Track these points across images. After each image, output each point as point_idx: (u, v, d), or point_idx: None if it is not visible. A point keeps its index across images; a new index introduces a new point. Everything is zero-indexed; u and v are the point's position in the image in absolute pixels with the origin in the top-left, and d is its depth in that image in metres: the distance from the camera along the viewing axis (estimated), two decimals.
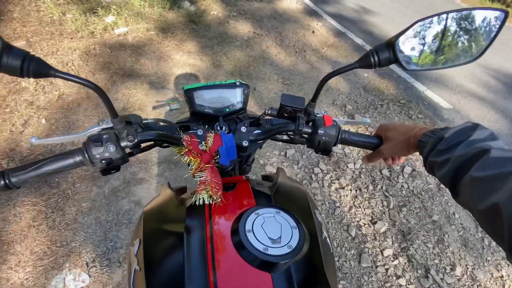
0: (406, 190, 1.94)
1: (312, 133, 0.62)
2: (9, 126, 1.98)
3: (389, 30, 4.20)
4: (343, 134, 0.62)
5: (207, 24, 3.56)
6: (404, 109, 2.70)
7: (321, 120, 0.61)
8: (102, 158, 0.51)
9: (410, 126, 0.56)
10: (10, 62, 0.38)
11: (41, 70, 0.41)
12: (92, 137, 0.51)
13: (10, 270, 1.37)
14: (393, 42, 0.48)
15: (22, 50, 0.40)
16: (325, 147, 0.63)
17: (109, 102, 0.49)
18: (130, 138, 0.53)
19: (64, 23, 3.07)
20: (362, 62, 0.52)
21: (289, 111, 0.63)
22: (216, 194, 0.56)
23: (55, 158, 0.50)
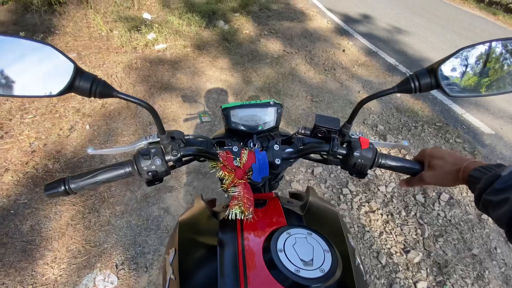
0: (443, 219, 1.81)
1: (347, 155, 0.61)
2: (57, 130, 2.17)
3: (424, 51, 4.09)
4: (380, 157, 0.61)
5: (239, 42, 3.71)
6: (440, 132, 2.57)
7: (357, 142, 0.61)
8: (149, 170, 0.54)
9: (459, 156, 0.54)
10: (82, 84, 0.44)
11: (105, 91, 0.47)
12: (142, 150, 0.55)
13: (46, 265, 1.46)
14: (435, 68, 0.48)
15: (91, 74, 0.46)
16: (360, 169, 0.62)
17: (159, 119, 0.54)
18: (174, 153, 0.57)
19: (111, 39, 3.37)
20: (402, 86, 0.52)
21: (323, 131, 0.64)
22: (248, 210, 0.57)
23: (108, 168, 0.55)
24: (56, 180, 0.52)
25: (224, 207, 0.64)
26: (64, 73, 0.42)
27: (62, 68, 0.42)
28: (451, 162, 0.53)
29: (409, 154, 2.27)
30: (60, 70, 0.42)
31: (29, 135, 2.12)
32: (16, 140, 2.07)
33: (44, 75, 0.43)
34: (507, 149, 2.52)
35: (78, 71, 0.44)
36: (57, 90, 0.42)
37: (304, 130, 0.67)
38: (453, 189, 2.00)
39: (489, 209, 0.43)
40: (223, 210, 0.63)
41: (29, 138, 2.09)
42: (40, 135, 2.13)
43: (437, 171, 0.55)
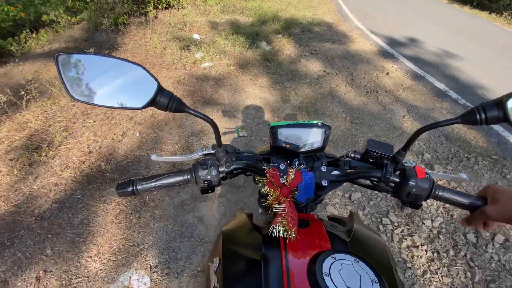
0: (496, 263, 1.59)
1: (401, 184, 0.59)
2: (111, 135, 2.40)
3: (477, 77, 3.81)
4: (437, 189, 0.58)
5: (279, 62, 3.82)
6: (496, 166, 2.31)
7: (412, 171, 0.58)
8: (205, 179, 0.59)
9: None
10: (162, 100, 0.51)
11: (179, 107, 0.53)
12: (200, 161, 0.60)
13: (90, 258, 1.58)
14: (504, 101, 0.46)
15: (170, 92, 0.52)
16: (414, 200, 0.59)
17: (218, 134, 0.59)
18: (227, 165, 0.61)
19: (164, 56, 3.71)
20: (466, 117, 0.50)
21: (375, 157, 0.63)
22: (292, 229, 0.57)
23: (170, 174, 0.60)
24: (126, 181, 0.59)
25: (267, 223, 0.65)
26: (149, 90, 0.49)
27: (148, 85, 0.49)
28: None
29: (460, 187, 2.07)
30: (146, 86, 0.49)
31: (88, 137, 2.37)
32: (77, 141, 2.33)
33: (133, 90, 0.50)
34: None
35: (160, 88, 0.50)
36: (142, 104, 0.49)
37: (354, 154, 0.67)
38: (510, 231, 1.76)
39: None
40: (265, 225, 0.64)
41: (88, 140, 2.34)
42: (97, 138, 2.38)
43: (502, 206, 0.52)
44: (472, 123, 0.50)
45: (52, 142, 2.29)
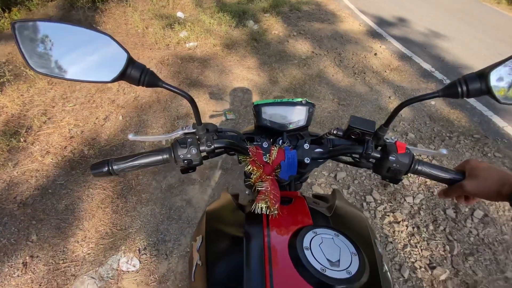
0: (475, 237, 1.69)
1: (382, 159, 0.59)
2: (93, 119, 2.31)
3: (464, 57, 3.84)
4: (417, 164, 0.58)
5: (267, 42, 3.72)
6: (477, 144, 2.39)
7: (393, 146, 0.58)
8: (185, 158, 0.57)
9: (506, 172, 0.51)
10: (133, 73, 0.47)
11: (153, 81, 0.50)
12: (179, 139, 0.58)
13: (76, 243, 1.57)
14: (486, 72, 0.46)
15: (141, 64, 0.49)
16: (394, 175, 0.60)
17: (198, 111, 0.57)
18: (208, 144, 0.59)
19: (146, 36, 3.54)
20: (448, 90, 0.50)
21: (357, 133, 0.62)
22: (274, 206, 0.58)
23: (148, 154, 0.58)
24: (101, 161, 0.56)
25: (250, 201, 0.66)
26: (118, 62, 0.46)
27: (117, 57, 0.46)
28: (496, 176, 0.51)
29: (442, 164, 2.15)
30: (115, 58, 0.46)
31: (69, 122, 2.28)
32: (58, 126, 2.24)
33: (100, 62, 0.46)
34: None
35: (130, 60, 0.47)
36: (111, 77, 0.46)
37: (337, 131, 0.66)
38: (489, 206, 1.86)
39: None
40: (249, 204, 0.64)
41: (68, 124, 2.26)
42: (78, 122, 2.29)
43: (479, 182, 0.53)
44: (453, 96, 0.49)
45: (30, 127, 2.19)
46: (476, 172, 0.54)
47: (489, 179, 0.52)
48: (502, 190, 0.49)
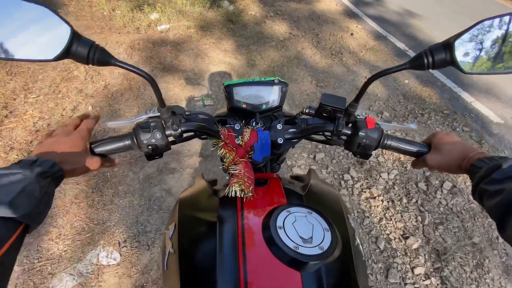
0: (444, 207, 1.80)
1: (352, 135, 0.60)
2: (60, 110, 2.17)
3: (435, 36, 3.94)
4: (386, 138, 0.59)
5: (244, 23, 3.60)
6: (447, 120, 2.51)
7: (363, 122, 0.59)
8: (149, 143, 0.54)
9: (468, 146, 0.53)
10: (79, 50, 0.43)
11: (104, 58, 0.45)
12: (141, 124, 0.54)
13: (51, 241, 1.50)
14: (451, 43, 0.45)
15: (89, 40, 0.44)
16: (364, 150, 0.60)
17: (159, 92, 0.53)
18: (174, 127, 0.56)
19: (113, 19, 3.30)
20: (414, 62, 0.49)
21: (328, 110, 0.61)
22: (248, 188, 0.57)
23: (109, 140, 0.54)
24: None
25: (225, 186, 0.65)
26: (61, 38, 0.41)
27: (59, 32, 0.41)
28: (458, 150, 0.52)
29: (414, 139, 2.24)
30: (57, 34, 0.41)
31: (33, 114, 2.12)
32: (21, 119, 2.08)
33: (40, 38, 0.41)
34: None
35: (75, 35, 0.42)
36: (53, 54, 0.41)
37: (309, 110, 0.64)
38: (457, 178, 1.98)
39: (483, 198, 0.42)
40: (223, 188, 0.63)
41: (33, 117, 2.10)
42: (44, 115, 2.14)
43: (442, 156, 0.54)
44: (420, 68, 0.49)
45: None
46: (440, 146, 0.55)
47: (452, 153, 0.53)
48: (462, 164, 0.50)
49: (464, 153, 0.51)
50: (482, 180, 0.43)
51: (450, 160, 0.53)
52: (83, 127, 0.52)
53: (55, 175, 0.43)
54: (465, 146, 0.53)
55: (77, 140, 0.49)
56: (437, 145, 0.56)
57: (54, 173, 0.43)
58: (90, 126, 0.54)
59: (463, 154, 0.51)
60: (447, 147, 0.54)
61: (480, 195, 0.43)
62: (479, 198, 0.44)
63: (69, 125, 0.53)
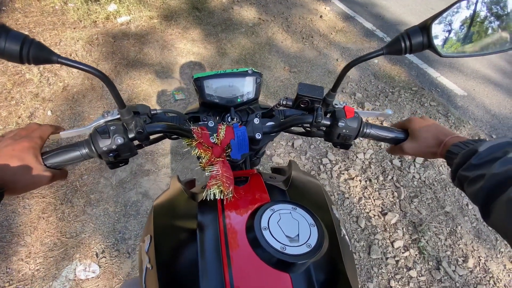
0: (418, 180, 1.89)
1: (332, 126, 0.57)
2: (15, 119, 1.98)
3: (401, 14, 4.02)
4: (365, 127, 0.58)
5: (210, 10, 3.45)
6: (416, 96, 2.60)
7: (342, 112, 0.57)
8: (110, 150, 0.48)
9: (443, 130, 0.53)
10: (8, 46, 0.36)
11: (42, 55, 0.38)
12: (99, 128, 0.48)
13: (21, 261, 1.40)
14: (428, 25, 0.44)
15: (21, 33, 0.37)
16: (344, 141, 0.59)
17: (116, 91, 0.46)
18: (138, 130, 0.50)
19: (66, 13, 3.02)
20: (391, 47, 0.48)
21: (306, 101, 0.59)
22: (228, 189, 0.54)
23: (62, 150, 0.48)
24: None
25: (203, 188, 0.61)
26: None
27: None
28: (433, 135, 0.53)
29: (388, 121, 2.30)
30: None
31: None
32: None
33: None
34: (479, 110, 2.61)
35: (2, 29, 0.35)
36: None
37: (286, 101, 0.61)
38: None
39: (464, 185, 0.42)
40: (201, 191, 0.59)
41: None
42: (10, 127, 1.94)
43: (419, 143, 0.55)
44: (397, 53, 0.47)
45: None
46: (416, 133, 0.55)
47: (428, 140, 0.53)
48: (438, 150, 0.51)
49: (439, 138, 0.52)
50: (460, 167, 0.43)
51: (426, 147, 0.54)
52: (35, 134, 0.46)
53: None
54: (440, 131, 0.53)
55: (25, 149, 0.43)
56: (413, 132, 0.56)
57: None
58: (44, 135, 0.47)
59: (438, 140, 0.51)
60: (423, 134, 0.54)
61: (460, 182, 0.43)
62: (459, 184, 0.44)
63: (22, 130, 0.46)
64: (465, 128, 2.36)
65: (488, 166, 0.38)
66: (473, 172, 0.40)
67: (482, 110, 2.61)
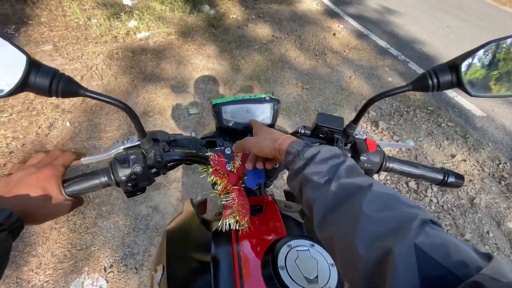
0: (436, 205, 1.81)
1: (353, 158, 0.56)
2: (35, 129, 2.05)
3: (415, 32, 4.02)
4: (387, 161, 0.56)
5: (226, 27, 3.55)
6: (432, 116, 2.54)
7: (363, 145, 0.56)
8: (129, 180, 0.48)
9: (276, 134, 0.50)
10: (39, 81, 0.36)
11: (70, 89, 0.39)
12: (119, 157, 0.49)
13: (31, 272, 1.40)
14: (458, 64, 0.43)
15: (51, 68, 0.38)
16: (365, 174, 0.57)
17: (138, 121, 0.47)
18: (158, 159, 0.50)
19: (89, 28, 3.17)
20: (418, 84, 0.47)
21: (325, 131, 0.58)
22: (244, 219, 0.52)
23: (80, 179, 0.48)
24: None
25: (217, 215, 0.60)
26: (15, 68, 0.35)
27: (13, 61, 0.35)
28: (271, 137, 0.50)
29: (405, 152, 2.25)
30: (10, 64, 0.35)
31: (5, 135, 2.00)
32: None
33: None
34: (499, 132, 2.52)
35: (32, 64, 0.36)
36: (7, 89, 0.35)
37: (304, 130, 0.61)
38: None
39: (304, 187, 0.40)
40: (215, 218, 0.58)
41: (5, 138, 1.97)
42: (18, 134, 2.02)
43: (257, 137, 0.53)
44: (424, 90, 0.46)
45: None
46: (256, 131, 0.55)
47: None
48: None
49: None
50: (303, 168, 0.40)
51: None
52: (58, 162, 0.46)
53: (12, 226, 0.37)
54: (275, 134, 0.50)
55: (48, 178, 0.43)
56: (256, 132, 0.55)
57: (11, 225, 0.36)
58: (67, 162, 0.47)
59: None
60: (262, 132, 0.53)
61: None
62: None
63: (45, 157, 0.46)
64: (484, 151, 2.27)
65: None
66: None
67: (502, 132, 2.52)
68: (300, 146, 0.42)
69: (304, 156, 0.40)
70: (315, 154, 0.39)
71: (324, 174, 0.36)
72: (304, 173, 0.38)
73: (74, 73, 2.52)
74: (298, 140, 0.45)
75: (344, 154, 0.40)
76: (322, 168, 0.37)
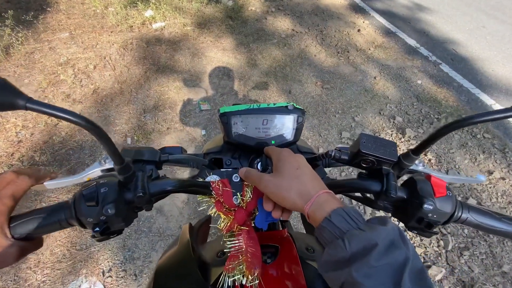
0: (469, 229, 1.61)
1: (409, 202, 0.40)
2: (44, 118, 2.00)
3: (448, 31, 3.70)
4: (460, 210, 0.39)
5: (244, 20, 3.40)
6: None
7: (427, 185, 0.39)
8: (96, 222, 0.35)
9: None
10: None
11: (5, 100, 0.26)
12: (85, 190, 0.35)
13: (29, 270, 1.35)
14: None
15: None
16: (427, 227, 0.40)
17: (110, 145, 0.32)
18: (139, 192, 0.37)
19: (105, 17, 3.11)
20: None
21: (370, 161, 0.41)
22: (253, 273, 0.38)
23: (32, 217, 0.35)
24: None
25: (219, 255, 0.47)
26: None
27: None
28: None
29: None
30: None
31: (16, 123, 1.96)
32: (3, 129, 1.92)
33: None
34: None
35: None
36: None
37: (340, 154, 0.44)
38: (481, 194, 1.78)
39: None
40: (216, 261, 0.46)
41: (15, 127, 1.94)
42: (28, 123, 1.98)
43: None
44: None
45: None
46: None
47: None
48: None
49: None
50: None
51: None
52: (7, 192, 0.34)
53: None
54: None
55: None
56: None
57: None
58: (18, 191, 0.35)
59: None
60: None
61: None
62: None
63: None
64: None
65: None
66: None
67: None
68: (343, 224, 0.29)
69: (351, 247, 0.27)
70: (370, 249, 0.26)
71: (383, 281, 0.24)
72: (353, 274, 0.25)
73: (87, 62, 2.45)
74: (339, 208, 0.31)
75: (404, 241, 0.27)
76: (381, 272, 0.25)
